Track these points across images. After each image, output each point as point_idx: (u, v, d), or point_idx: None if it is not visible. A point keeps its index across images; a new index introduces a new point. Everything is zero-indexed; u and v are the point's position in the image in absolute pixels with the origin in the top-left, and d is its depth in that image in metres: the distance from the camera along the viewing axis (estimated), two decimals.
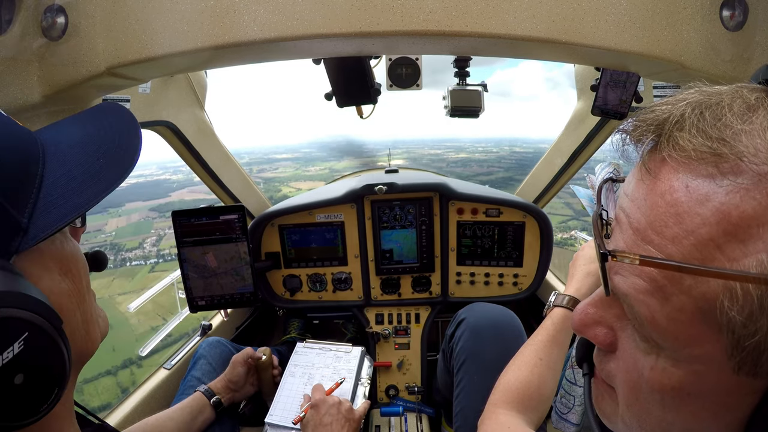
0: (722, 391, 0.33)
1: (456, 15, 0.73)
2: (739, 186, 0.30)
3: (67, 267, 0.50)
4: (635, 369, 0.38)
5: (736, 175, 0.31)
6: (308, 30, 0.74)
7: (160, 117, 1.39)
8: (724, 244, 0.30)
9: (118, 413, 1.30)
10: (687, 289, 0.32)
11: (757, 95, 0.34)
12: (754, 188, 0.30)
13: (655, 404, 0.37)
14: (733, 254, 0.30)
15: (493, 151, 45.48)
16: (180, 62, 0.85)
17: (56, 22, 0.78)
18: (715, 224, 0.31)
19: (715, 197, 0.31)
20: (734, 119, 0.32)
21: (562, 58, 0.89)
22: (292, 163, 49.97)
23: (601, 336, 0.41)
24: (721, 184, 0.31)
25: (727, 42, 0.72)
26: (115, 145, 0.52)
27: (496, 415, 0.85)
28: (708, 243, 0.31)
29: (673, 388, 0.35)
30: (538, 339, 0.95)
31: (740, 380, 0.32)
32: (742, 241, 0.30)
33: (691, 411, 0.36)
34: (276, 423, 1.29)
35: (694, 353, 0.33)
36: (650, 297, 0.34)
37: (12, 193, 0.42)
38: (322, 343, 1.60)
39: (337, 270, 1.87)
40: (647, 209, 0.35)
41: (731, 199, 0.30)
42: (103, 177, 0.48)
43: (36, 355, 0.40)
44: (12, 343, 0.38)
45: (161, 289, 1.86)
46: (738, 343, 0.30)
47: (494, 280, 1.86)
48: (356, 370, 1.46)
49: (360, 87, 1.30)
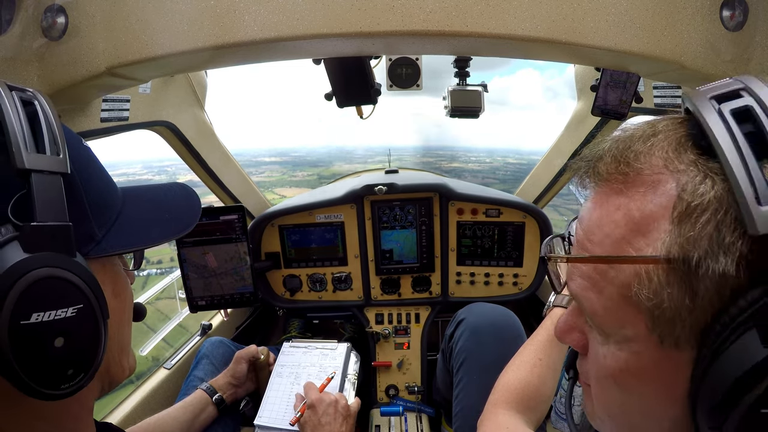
0: (658, 366, 0.39)
1: (456, 15, 0.73)
2: (639, 193, 0.39)
3: (119, 290, 0.58)
4: (597, 361, 0.45)
5: (637, 186, 0.39)
6: (308, 30, 0.74)
7: (160, 117, 1.39)
8: (632, 240, 0.39)
9: (118, 413, 1.30)
10: (612, 280, 0.40)
11: (665, 123, 0.42)
12: (651, 193, 0.38)
13: (614, 389, 0.43)
14: (638, 246, 0.38)
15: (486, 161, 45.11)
16: (180, 62, 0.85)
17: (56, 22, 0.79)
18: (624, 225, 0.39)
19: (624, 205, 0.40)
20: (639, 145, 0.41)
21: (562, 58, 0.89)
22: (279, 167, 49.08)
23: (575, 340, 0.49)
24: (628, 194, 0.40)
25: (727, 42, 0.73)
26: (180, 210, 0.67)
27: (496, 415, 0.85)
28: (621, 240, 0.40)
29: (622, 370, 0.42)
30: (537, 339, 0.95)
31: (668, 354, 0.38)
32: (644, 234, 0.38)
33: (640, 391, 0.41)
34: (265, 425, 1.29)
35: (628, 334, 0.40)
36: (589, 292, 0.42)
37: (97, 212, 0.54)
38: (308, 341, 1.59)
39: (337, 270, 1.87)
40: (584, 224, 0.44)
41: (634, 204, 0.39)
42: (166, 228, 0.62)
43: (80, 328, 0.45)
44: (68, 306, 0.44)
45: (161, 289, 1.86)
46: (652, 316, 0.37)
47: (494, 280, 1.86)
48: (343, 366, 1.45)
49: (360, 87, 1.30)
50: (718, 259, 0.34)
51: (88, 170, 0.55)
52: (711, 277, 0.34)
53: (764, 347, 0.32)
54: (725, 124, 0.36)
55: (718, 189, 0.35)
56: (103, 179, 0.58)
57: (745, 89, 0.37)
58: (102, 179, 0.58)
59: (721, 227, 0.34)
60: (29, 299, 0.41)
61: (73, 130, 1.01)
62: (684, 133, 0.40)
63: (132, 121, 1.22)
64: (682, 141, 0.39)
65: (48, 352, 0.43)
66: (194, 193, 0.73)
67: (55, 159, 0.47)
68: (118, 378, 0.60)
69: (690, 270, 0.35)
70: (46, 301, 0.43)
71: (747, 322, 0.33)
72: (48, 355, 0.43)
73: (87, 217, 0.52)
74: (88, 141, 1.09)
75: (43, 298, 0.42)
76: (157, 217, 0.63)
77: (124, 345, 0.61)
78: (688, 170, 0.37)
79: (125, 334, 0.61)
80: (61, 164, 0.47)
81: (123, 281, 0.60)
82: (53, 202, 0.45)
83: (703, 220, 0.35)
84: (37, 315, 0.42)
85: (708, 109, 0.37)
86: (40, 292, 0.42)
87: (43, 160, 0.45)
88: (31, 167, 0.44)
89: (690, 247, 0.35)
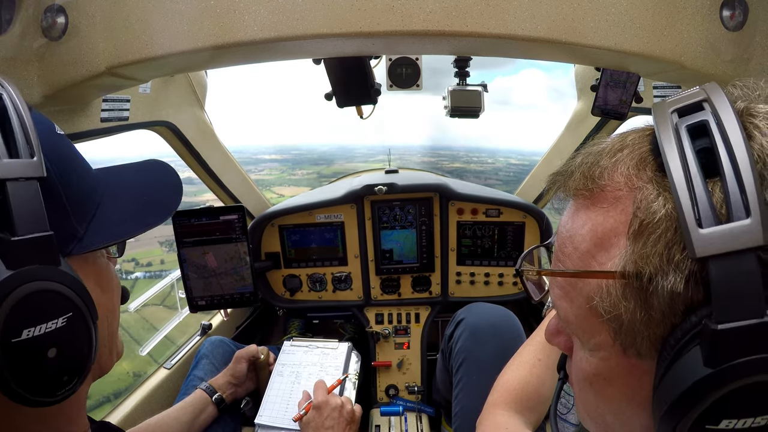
0: (625, 373, 0.41)
1: (456, 15, 0.73)
2: (602, 209, 0.40)
3: (105, 282, 0.57)
4: (576, 364, 0.47)
5: (601, 202, 0.41)
6: (308, 30, 0.74)
7: (160, 117, 1.39)
8: (597, 254, 0.40)
9: (118, 413, 1.30)
10: (579, 291, 0.42)
11: (633, 136, 0.42)
12: (612, 208, 0.40)
13: (589, 391, 0.45)
14: (601, 260, 0.40)
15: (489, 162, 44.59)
16: (180, 62, 0.85)
17: (56, 22, 0.79)
18: (589, 240, 0.41)
19: (589, 220, 0.41)
20: (606, 160, 0.41)
21: (562, 58, 0.89)
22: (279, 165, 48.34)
23: (562, 343, 0.51)
24: (593, 210, 0.41)
25: (727, 42, 0.72)
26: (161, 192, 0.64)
27: (494, 415, 0.85)
28: (586, 254, 0.41)
29: (594, 375, 0.43)
30: (537, 339, 0.95)
31: (632, 362, 0.39)
32: (606, 249, 0.39)
33: (610, 394, 0.43)
34: (266, 423, 1.29)
35: (596, 341, 0.42)
36: (563, 300, 0.44)
37: (77, 208, 0.52)
38: (308, 340, 1.59)
39: (337, 270, 1.87)
40: (558, 236, 0.46)
41: (598, 219, 0.40)
42: (148, 214, 0.60)
43: (71, 336, 0.45)
44: (58, 317, 0.43)
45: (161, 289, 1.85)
46: (612, 327, 0.39)
47: (494, 280, 1.86)
48: (343, 365, 1.45)
49: (360, 87, 1.30)
50: (668, 277, 0.34)
51: (65, 164, 0.51)
52: (662, 293, 0.34)
53: (705, 366, 0.32)
54: (678, 140, 0.35)
55: (669, 207, 0.35)
56: (79, 170, 0.55)
57: (706, 101, 0.36)
58: (79, 170, 0.54)
59: (670, 245, 0.34)
60: (18, 316, 0.40)
61: (73, 130, 1.02)
62: (647, 148, 0.40)
63: (132, 121, 1.22)
64: (644, 157, 0.39)
65: (42, 365, 0.42)
66: (174, 172, 0.68)
67: (30, 163, 0.43)
68: (107, 367, 0.60)
69: (642, 286, 0.36)
70: (36, 316, 0.42)
71: (693, 340, 0.33)
72: (42, 367, 0.42)
73: (67, 216, 0.50)
74: (89, 141, 1.10)
75: (32, 314, 0.41)
76: (138, 203, 0.61)
77: (113, 335, 0.60)
78: (645, 188, 0.37)
79: (114, 324, 0.60)
80: (36, 168, 0.44)
81: (108, 272, 0.58)
82: (32, 211, 0.42)
83: (653, 238, 0.35)
84: (28, 331, 0.41)
85: (665, 125, 0.37)
86: (28, 308, 0.41)
87: (18, 167, 0.42)
88: (4, 176, 0.41)
89: (642, 263, 0.35)
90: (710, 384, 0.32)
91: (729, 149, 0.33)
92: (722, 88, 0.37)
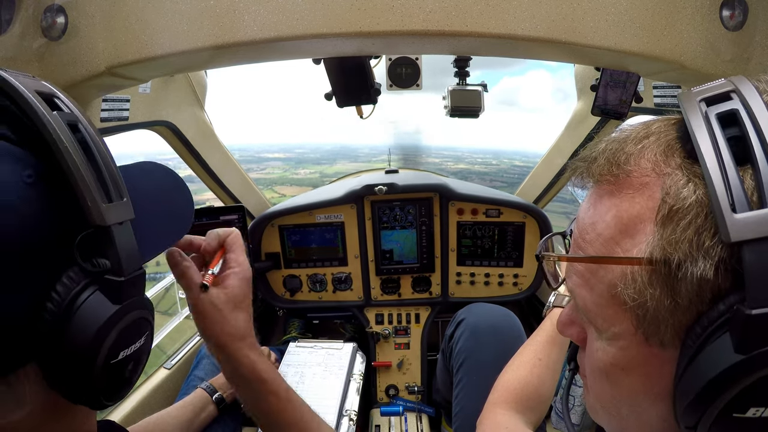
0: (645, 363, 0.40)
1: (456, 15, 0.73)
2: (628, 195, 0.40)
3: None
4: (591, 354, 0.46)
5: (627, 188, 0.40)
6: (308, 30, 0.74)
7: (160, 117, 1.39)
8: (621, 241, 0.40)
9: (118, 413, 1.30)
10: (601, 278, 0.41)
11: (658, 125, 0.42)
12: (638, 194, 0.39)
13: (605, 382, 0.45)
14: (626, 247, 0.39)
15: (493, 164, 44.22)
16: (180, 62, 0.85)
17: (56, 22, 0.78)
18: (614, 226, 0.41)
19: (614, 206, 0.41)
20: (631, 147, 0.41)
21: (562, 58, 0.89)
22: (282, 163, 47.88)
23: (575, 334, 0.51)
24: (618, 196, 0.41)
25: (727, 42, 0.72)
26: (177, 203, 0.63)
27: (495, 415, 0.85)
28: (610, 241, 0.41)
29: (612, 365, 0.43)
30: (537, 339, 0.95)
31: (654, 351, 0.39)
32: (631, 236, 0.39)
33: (628, 384, 0.43)
34: None
35: (616, 331, 0.41)
36: (582, 289, 0.44)
37: None
38: (313, 341, 1.60)
39: (337, 270, 1.87)
40: (579, 223, 0.46)
41: (623, 205, 0.40)
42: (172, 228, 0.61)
43: (145, 349, 0.49)
44: (142, 336, 0.48)
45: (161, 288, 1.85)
46: (636, 315, 0.39)
47: (494, 281, 1.86)
48: (348, 366, 1.45)
49: (360, 87, 1.30)
50: (697, 263, 0.34)
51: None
52: (690, 280, 0.34)
53: (735, 353, 0.32)
54: (709, 128, 0.36)
55: (699, 193, 0.35)
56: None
57: (734, 91, 0.37)
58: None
59: (701, 231, 0.34)
60: (119, 343, 0.44)
61: None
62: (674, 135, 0.40)
63: (132, 121, 1.22)
64: (671, 144, 0.39)
65: (124, 377, 0.47)
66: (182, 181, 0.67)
67: (125, 205, 0.44)
68: None
69: (671, 272, 0.35)
70: (130, 340, 0.46)
71: (723, 327, 0.33)
72: (123, 379, 0.47)
73: None
74: None
75: (128, 338, 0.45)
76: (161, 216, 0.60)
77: None
78: (674, 174, 0.37)
79: None
80: (129, 209, 0.45)
81: None
82: (131, 251, 0.44)
83: (683, 224, 0.35)
84: (123, 352, 0.45)
85: (695, 113, 0.37)
86: (126, 334, 0.45)
87: (118, 211, 0.43)
88: (110, 222, 0.42)
89: (671, 249, 0.35)
90: (741, 371, 0.32)
91: (761, 137, 0.34)
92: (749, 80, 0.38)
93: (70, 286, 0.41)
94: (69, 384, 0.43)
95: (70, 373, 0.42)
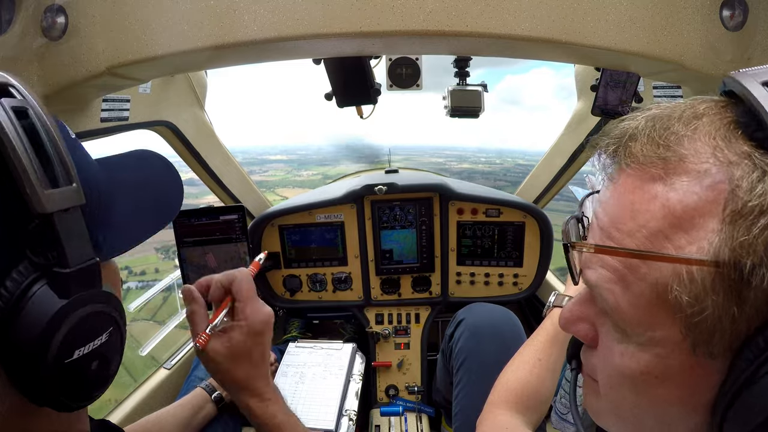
0: (685, 373, 0.36)
1: (456, 15, 0.73)
2: (682, 183, 0.35)
3: (117, 282, 0.57)
4: (610, 357, 0.41)
5: (679, 174, 0.35)
6: (308, 30, 0.74)
7: (160, 117, 1.39)
8: (672, 235, 0.34)
9: (118, 413, 1.30)
10: (643, 276, 0.36)
11: (707, 105, 0.37)
12: (695, 184, 0.34)
13: (628, 390, 0.40)
14: (679, 243, 0.34)
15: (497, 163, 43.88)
16: (180, 62, 0.85)
17: (56, 22, 0.78)
18: (662, 218, 0.35)
19: (662, 195, 0.35)
20: (680, 127, 0.36)
21: (562, 58, 0.89)
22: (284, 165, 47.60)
23: (583, 332, 0.45)
24: (667, 183, 0.35)
25: (727, 42, 0.73)
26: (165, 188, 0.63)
27: (495, 415, 0.85)
28: (657, 234, 0.35)
29: (642, 372, 0.38)
30: (537, 339, 0.95)
31: (699, 361, 0.35)
32: (686, 231, 0.34)
33: (660, 394, 0.38)
34: None
35: (655, 336, 0.36)
36: (614, 285, 0.38)
37: (97, 216, 0.50)
38: (313, 342, 1.60)
39: (337, 270, 1.87)
40: (610, 210, 0.39)
41: (675, 195, 0.35)
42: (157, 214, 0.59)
43: (111, 346, 0.47)
44: (102, 333, 0.45)
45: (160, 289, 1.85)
46: (689, 322, 0.34)
47: (494, 280, 1.86)
48: (347, 367, 1.45)
49: (360, 87, 1.30)
50: None
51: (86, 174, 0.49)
52: (764, 287, 0.31)
53: None
54: None
55: None
56: (95, 176, 0.51)
57: None
58: (95, 177, 0.51)
59: None
60: (70, 341, 0.42)
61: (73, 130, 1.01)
62: (731, 119, 0.35)
63: (132, 121, 1.22)
64: (731, 128, 0.35)
65: (87, 376, 0.45)
66: (172, 166, 0.65)
67: (72, 190, 0.41)
68: None
69: (742, 277, 0.31)
70: (85, 337, 0.43)
71: None
72: (87, 378, 0.45)
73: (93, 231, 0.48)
74: (89, 141, 1.10)
75: (82, 335, 0.43)
76: (145, 201, 0.59)
77: None
78: (742, 164, 0.33)
79: None
80: (77, 195, 0.42)
81: (117, 271, 0.58)
82: (79, 241, 0.42)
83: (761, 224, 0.31)
84: (78, 351, 0.43)
85: (764, 97, 0.33)
86: (79, 331, 0.42)
87: (62, 197, 0.40)
88: (52, 209, 0.39)
89: (743, 252, 0.31)
90: None
91: None
92: None
93: (19, 281, 0.39)
94: (25, 385, 0.41)
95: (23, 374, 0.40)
